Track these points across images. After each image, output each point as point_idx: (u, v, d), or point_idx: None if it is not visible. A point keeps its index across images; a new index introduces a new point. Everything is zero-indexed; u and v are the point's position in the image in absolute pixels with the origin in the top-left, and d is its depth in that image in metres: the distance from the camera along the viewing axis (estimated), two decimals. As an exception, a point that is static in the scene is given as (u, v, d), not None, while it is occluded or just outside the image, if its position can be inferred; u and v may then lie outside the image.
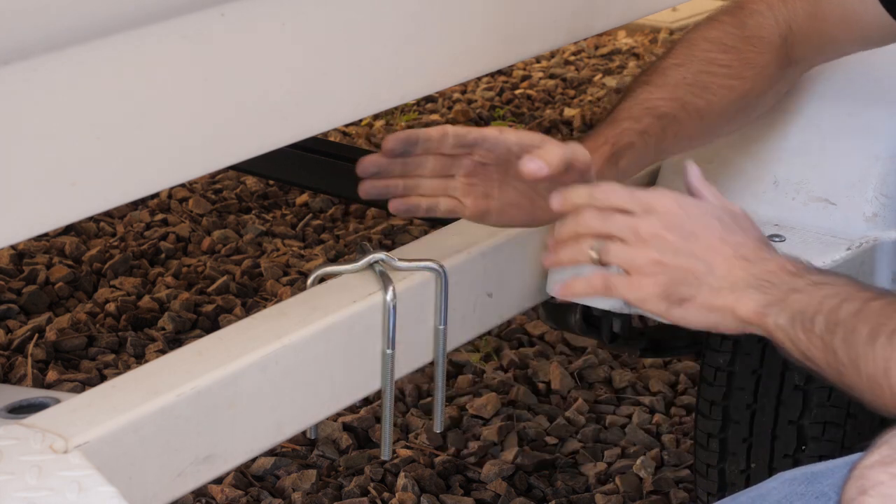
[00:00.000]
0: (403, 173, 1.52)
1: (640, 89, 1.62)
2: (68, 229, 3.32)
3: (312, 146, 2.30)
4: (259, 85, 1.43)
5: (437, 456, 2.57)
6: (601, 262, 1.39)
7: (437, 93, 4.05)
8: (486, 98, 4.14)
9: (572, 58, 4.53)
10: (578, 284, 1.43)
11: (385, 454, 1.58)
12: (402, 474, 2.49)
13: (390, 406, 1.54)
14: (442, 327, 1.57)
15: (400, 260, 1.55)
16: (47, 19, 1.19)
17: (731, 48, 1.63)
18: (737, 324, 1.35)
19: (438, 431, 1.56)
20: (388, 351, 1.51)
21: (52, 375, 2.75)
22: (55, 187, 1.27)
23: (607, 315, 1.88)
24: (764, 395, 2.05)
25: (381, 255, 1.55)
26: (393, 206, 1.54)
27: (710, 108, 1.63)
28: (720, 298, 1.35)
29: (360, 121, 3.91)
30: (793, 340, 1.30)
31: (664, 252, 1.36)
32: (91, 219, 3.36)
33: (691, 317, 1.37)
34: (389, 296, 1.50)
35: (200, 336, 1.99)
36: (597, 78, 4.35)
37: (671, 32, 4.63)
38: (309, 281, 1.56)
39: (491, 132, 1.53)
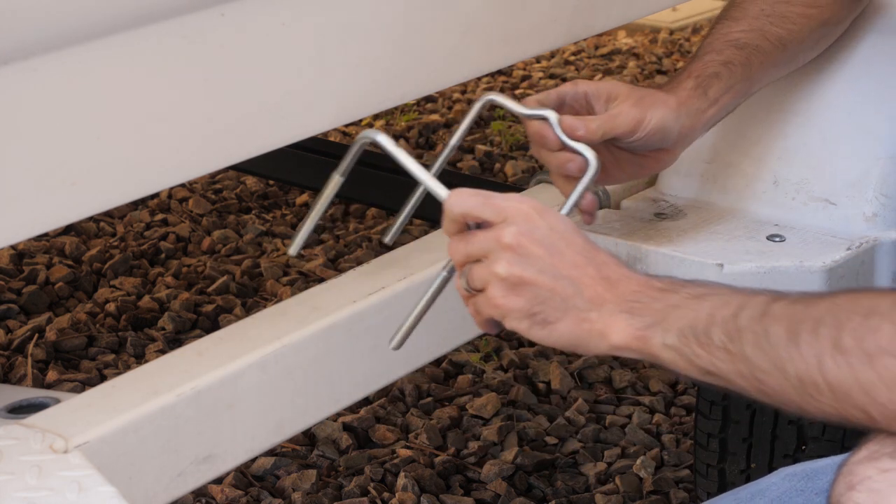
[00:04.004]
0: None
1: (720, 25, 1.67)
2: (68, 229, 3.32)
3: (312, 146, 2.30)
4: (259, 85, 1.43)
5: (437, 456, 2.57)
6: (475, 291, 1.33)
7: (437, 93, 4.05)
8: (486, 98, 4.14)
9: (572, 58, 4.53)
10: (476, 321, 1.38)
11: (396, 342, 1.45)
12: (402, 474, 2.49)
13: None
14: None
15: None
16: (47, 19, 1.19)
17: None
18: (607, 349, 1.28)
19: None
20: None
21: (52, 375, 2.75)
22: (55, 187, 1.27)
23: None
24: (764, 395, 2.04)
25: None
26: None
27: (791, 37, 1.67)
28: (587, 322, 1.28)
29: (360, 121, 3.91)
30: (688, 358, 1.23)
31: (527, 267, 1.29)
32: (91, 219, 3.36)
33: (554, 339, 1.30)
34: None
35: (200, 336, 1.99)
36: (597, 78, 4.35)
37: (671, 32, 4.63)
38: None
39: (566, 87, 1.57)
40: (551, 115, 1.51)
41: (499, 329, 1.38)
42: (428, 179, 1.41)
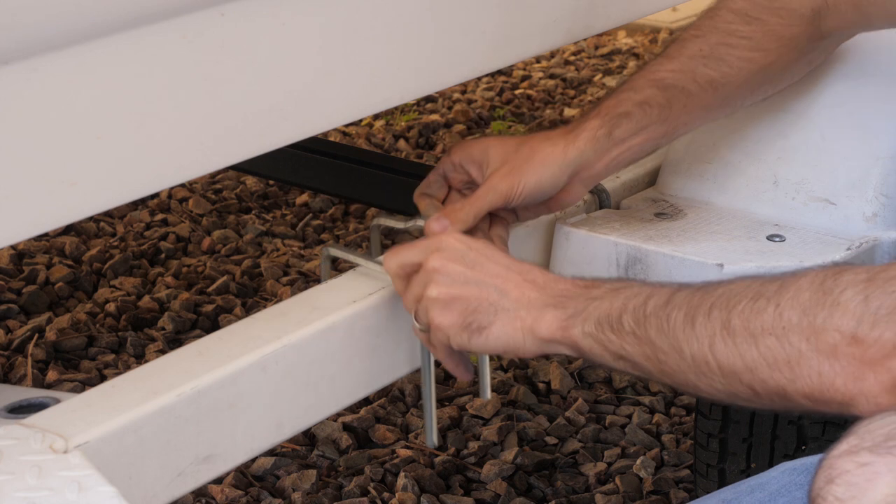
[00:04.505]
0: None
1: (653, 61, 1.64)
2: (68, 229, 3.32)
3: (312, 146, 2.30)
4: (259, 85, 1.43)
5: (437, 456, 2.57)
6: (427, 328, 1.44)
7: (437, 93, 4.05)
8: (486, 98, 4.14)
9: (572, 58, 4.53)
10: (444, 363, 1.49)
11: (430, 441, 1.58)
12: (402, 474, 2.49)
13: (431, 386, 1.54)
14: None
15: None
16: (47, 19, 1.19)
17: (754, 19, 1.63)
18: (538, 344, 1.38)
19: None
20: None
21: (52, 375, 2.75)
22: (55, 187, 1.27)
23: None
24: (764, 395, 2.04)
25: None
26: None
27: (725, 80, 1.63)
28: (518, 321, 1.38)
29: (360, 121, 3.91)
30: (603, 343, 1.32)
31: (452, 284, 1.40)
32: (91, 219, 3.36)
33: (492, 344, 1.39)
34: None
35: (200, 336, 1.99)
36: (597, 78, 4.35)
37: (671, 32, 4.63)
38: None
39: (444, 164, 1.62)
40: (420, 223, 1.58)
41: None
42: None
